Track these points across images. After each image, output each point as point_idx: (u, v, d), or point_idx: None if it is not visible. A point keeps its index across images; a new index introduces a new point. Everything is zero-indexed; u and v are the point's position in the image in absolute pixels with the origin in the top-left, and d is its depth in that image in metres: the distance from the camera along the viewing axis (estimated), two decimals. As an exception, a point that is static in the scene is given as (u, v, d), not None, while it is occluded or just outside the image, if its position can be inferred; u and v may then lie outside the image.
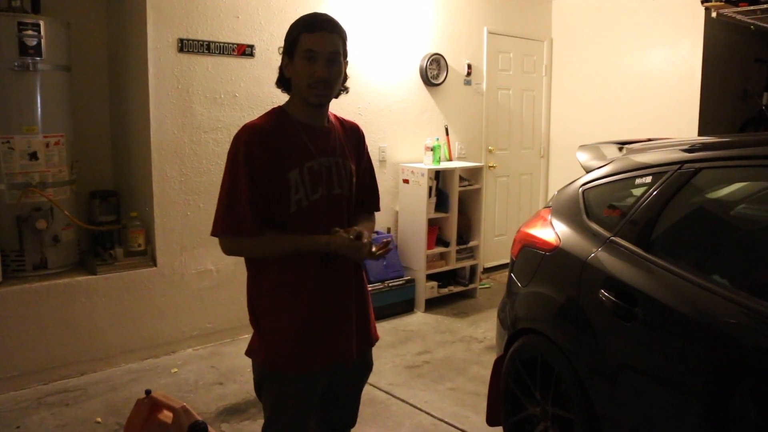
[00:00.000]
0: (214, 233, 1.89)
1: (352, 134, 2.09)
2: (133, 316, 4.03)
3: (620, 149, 2.81)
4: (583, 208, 2.64)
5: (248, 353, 2.00)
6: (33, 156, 3.72)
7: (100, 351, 3.92)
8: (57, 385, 3.70)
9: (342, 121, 2.09)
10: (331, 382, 2.04)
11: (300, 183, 1.87)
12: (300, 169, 1.87)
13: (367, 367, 2.16)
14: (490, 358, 3.28)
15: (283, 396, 1.96)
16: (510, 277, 2.97)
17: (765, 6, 4.31)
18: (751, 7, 4.39)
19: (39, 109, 3.74)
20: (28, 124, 3.71)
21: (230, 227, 1.85)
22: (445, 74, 5.57)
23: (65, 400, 3.53)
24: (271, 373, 1.95)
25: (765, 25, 5.01)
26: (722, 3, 4.44)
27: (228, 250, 1.91)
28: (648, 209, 2.30)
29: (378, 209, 2.22)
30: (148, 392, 2.56)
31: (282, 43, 1.93)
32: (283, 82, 1.97)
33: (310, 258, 1.89)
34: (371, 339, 2.12)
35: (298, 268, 1.89)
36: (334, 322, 1.96)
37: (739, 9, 4.46)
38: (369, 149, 2.18)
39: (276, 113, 1.94)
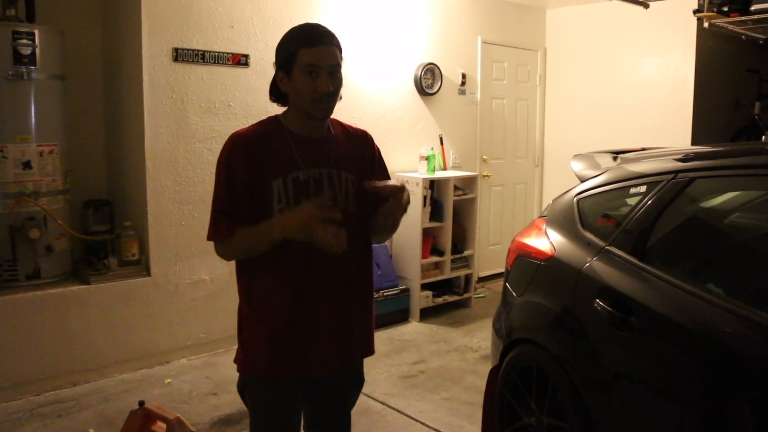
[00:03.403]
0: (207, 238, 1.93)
1: (358, 142, 2.03)
2: (127, 326, 4.01)
3: (614, 158, 2.82)
4: (578, 217, 2.65)
5: (235, 360, 2.01)
6: (26, 165, 3.71)
7: (93, 361, 3.89)
8: (49, 396, 3.67)
9: (347, 130, 2.03)
10: (316, 397, 2.01)
11: (283, 193, 1.84)
12: (284, 178, 1.84)
13: (355, 382, 2.09)
14: (485, 368, 3.27)
15: (261, 402, 1.96)
16: (505, 287, 2.97)
17: (756, 17, 4.34)
18: (743, 18, 4.42)
19: (33, 118, 3.74)
20: (21, 133, 3.70)
21: (211, 232, 1.88)
22: (439, 83, 5.59)
23: (58, 411, 3.51)
24: (249, 378, 1.96)
25: (756, 35, 5.04)
26: (714, 14, 4.47)
27: (218, 254, 1.93)
28: (642, 218, 2.31)
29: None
30: (141, 403, 2.55)
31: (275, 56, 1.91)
32: (277, 96, 1.93)
33: (290, 268, 1.87)
34: (359, 353, 2.04)
35: (277, 278, 1.87)
36: (311, 333, 1.90)
37: (730, 19, 4.49)
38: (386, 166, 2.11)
39: (268, 122, 1.93)
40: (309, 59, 1.80)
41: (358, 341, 2.02)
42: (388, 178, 2.06)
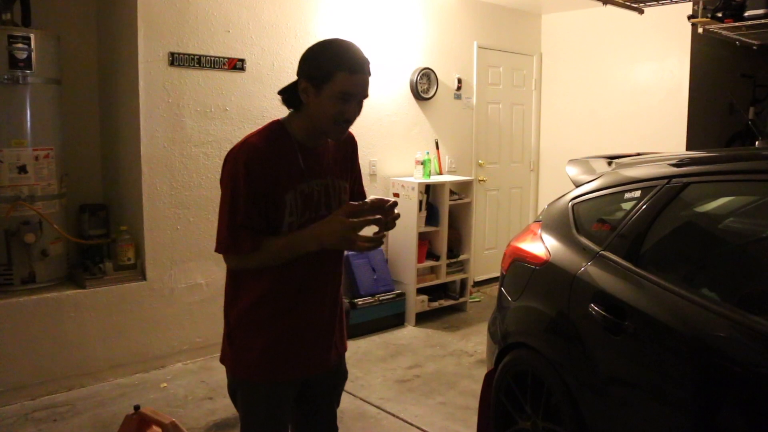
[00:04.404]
0: (216, 250, 1.88)
1: (346, 145, 2.05)
2: (122, 330, 4.00)
3: (609, 163, 2.83)
4: (573, 222, 2.66)
5: (222, 360, 2.00)
6: (22, 169, 3.70)
7: (89, 366, 3.88)
8: (44, 401, 3.66)
9: None
10: (306, 393, 2.03)
11: (294, 206, 1.85)
12: (294, 191, 1.85)
13: (342, 375, 2.16)
14: (481, 372, 3.28)
15: (255, 404, 1.96)
16: (500, 291, 2.97)
17: (750, 23, 4.37)
18: (737, 24, 4.45)
19: (28, 122, 3.73)
20: (17, 137, 3.69)
21: (232, 247, 1.84)
22: (435, 88, 5.60)
23: (53, 416, 3.50)
24: (242, 380, 1.96)
25: (750, 40, 5.08)
26: (708, 19, 4.50)
27: (231, 266, 1.91)
28: (637, 223, 2.32)
29: None
30: (136, 407, 2.54)
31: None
32: (293, 102, 1.88)
33: (291, 273, 1.87)
34: (344, 348, 2.12)
35: (276, 284, 1.88)
36: (310, 336, 1.95)
37: (724, 25, 4.51)
38: (360, 163, 2.18)
39: (274, 130, 1.89)
40: (346, 86, 1.76)
41: (341, 335, 2.10)
42: (361, 175, 2.16)
